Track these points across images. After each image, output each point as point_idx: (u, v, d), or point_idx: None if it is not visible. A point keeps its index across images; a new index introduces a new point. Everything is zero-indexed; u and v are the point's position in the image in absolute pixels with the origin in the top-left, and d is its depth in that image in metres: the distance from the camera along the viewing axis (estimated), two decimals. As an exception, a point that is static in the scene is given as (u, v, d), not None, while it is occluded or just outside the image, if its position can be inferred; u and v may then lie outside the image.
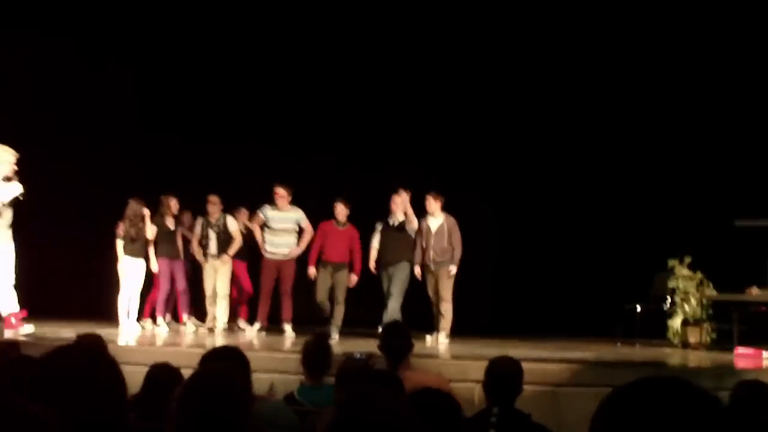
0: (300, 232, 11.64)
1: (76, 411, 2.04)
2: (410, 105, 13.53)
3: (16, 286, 9.73)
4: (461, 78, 13.49)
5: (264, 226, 11.53)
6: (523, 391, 4.83)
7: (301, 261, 11.57)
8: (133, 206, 11.27)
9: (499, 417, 4.50)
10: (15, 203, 9.56)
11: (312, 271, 11.37)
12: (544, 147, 13.27)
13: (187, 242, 12.11)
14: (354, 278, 11.34)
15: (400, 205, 11.15)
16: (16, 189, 9.47)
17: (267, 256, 11.51)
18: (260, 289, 11.62)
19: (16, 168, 9.52)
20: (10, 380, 3.46)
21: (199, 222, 11.91)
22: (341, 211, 11.36)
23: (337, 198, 11.38)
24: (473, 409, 5.18)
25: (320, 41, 13.73)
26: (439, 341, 10.65)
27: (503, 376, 4.80)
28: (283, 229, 11.49)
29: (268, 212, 11.53)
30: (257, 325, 11.54)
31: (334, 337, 10.88)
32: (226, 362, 4.28)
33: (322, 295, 11.22)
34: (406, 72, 13.52)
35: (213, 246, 11.76)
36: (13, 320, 9.54)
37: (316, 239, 11.44)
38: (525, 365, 5.02)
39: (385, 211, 11.33)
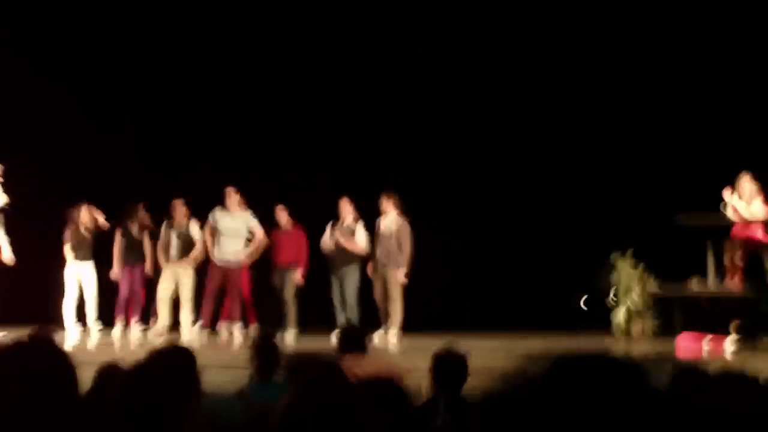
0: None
1: (30, 407, 2.07)
2: (361, 104, 13.51)
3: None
4: (413, 73, 13.49)
5: (214, 229, 11.47)
6: (466, 380, 4.94)
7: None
8: (80, 211, 11.18)
9: (446, 405, 4.59)
10: None
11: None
12: (494, 140, 13.32)
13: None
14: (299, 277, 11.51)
15: (348, 209, 11.28)
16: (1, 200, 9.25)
17: (216, 262, 11.47)
18: (206, 292, 11.50)
19: (1, 179, 9.29)
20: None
21: (164, 227, 11.71)
22: (282, 213, 11.57)
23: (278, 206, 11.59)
24: (420, 398, 5.27)
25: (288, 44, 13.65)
26: (389, 339, 10.69)
27: (448, 366, 4.92)
28: (232, 234, 11.45)
29: (217, 215, 11.47)
30: (199, 324, 11.48)
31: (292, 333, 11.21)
32: (170, 359, 4.31)
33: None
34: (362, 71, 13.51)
35: (174, 251, 11.55)
36: None
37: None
38: (473, 360, 5.15)
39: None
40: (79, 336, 10.97)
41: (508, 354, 8.39)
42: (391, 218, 11.03)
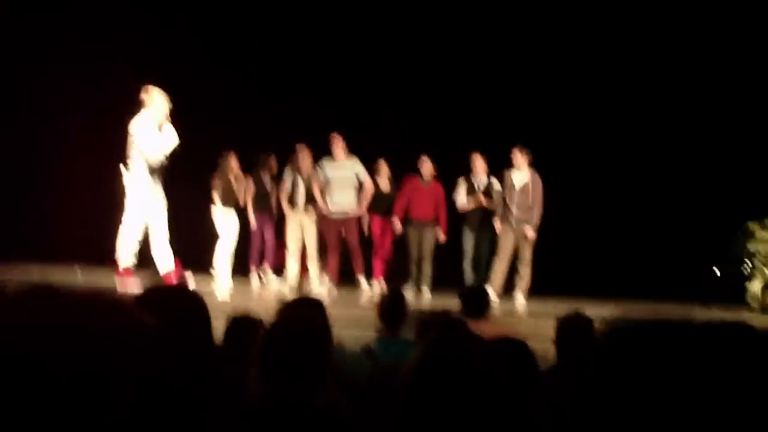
0: (360, 186, 11.45)
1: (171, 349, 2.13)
2: (493, 63, 13.36)
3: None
4: (540, 31, 13.27)
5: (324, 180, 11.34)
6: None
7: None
8: (222, 162, 11.35)
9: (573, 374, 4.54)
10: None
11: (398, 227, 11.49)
12: (622, 107, 13.05)
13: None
14: (443, 236, 11.38)
15: (481, 166, 11.13)
16: (174, 139, 9.00)
17: (330, 214, 11.33)
18: (328, 246, 11.46)
19: (168, 113, 9.03)
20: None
21: (287, 172, 11.54)
22: (425, 165, 11.35)
23: (422, 153, 11.38)
24: (546, 364, 5.23)
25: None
26: (517, 300, 10.62)
27: (574, 333, 4.84)
28: (342, 184, 11.28)
29: (325, 167, 11.31)
30: (326, 280, 11.44)
31: (426, 295, 11.10)
32: (305, 311, 4.40)
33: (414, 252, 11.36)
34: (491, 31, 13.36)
35: (300, 197, 11.38)
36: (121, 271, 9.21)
37: (402, 196, 11.45)
38: (599, 324, 5.04)
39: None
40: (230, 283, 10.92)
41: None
42: (524, 173, 10.82)
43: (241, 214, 11.68)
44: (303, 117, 13.15)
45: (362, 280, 11.45)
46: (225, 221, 11.24)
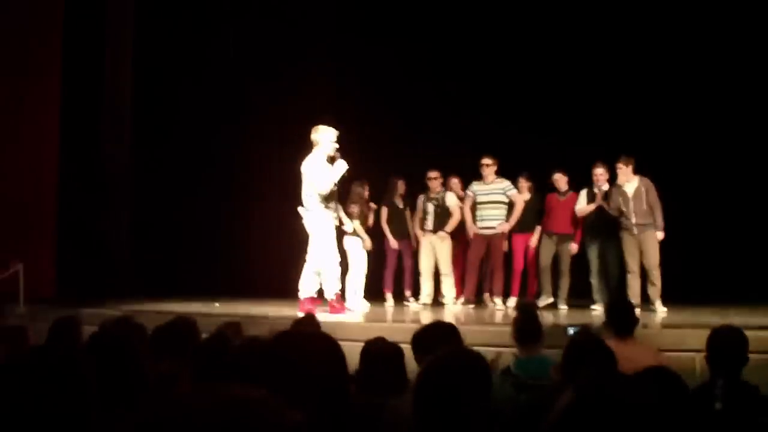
0: (509, 204, 11.54)
1: (303, 391, 2.10)
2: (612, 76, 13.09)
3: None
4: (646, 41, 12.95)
5: (473, 201, 11.54)
6: (748, 361, 4.63)
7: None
8: (356, 189, 11.46)
9: (724, 389, 4.34)
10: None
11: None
12: (730, 104, 12.56)
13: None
14: (575, 248, 11.36)
15: (602, 176, 10.99)
16: (343, 167, 9.64)
17: (478, 231, 11.47)
18: (468, 265, 11.58)
19: (337, 146, 9.71)
20: (233, 361, 3.63)
21: (420, 198, 11.91)
22: (560, 180, 11.37)
23: (556, 169, 11.45)
24: (694, 379, 5.03)
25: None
26: (658, 310, 10.35)
27: (727, 346, 4.62)
28: (491, 201, 11.43)
29: (474, 186, 11.54)
30: (462, 299, 11.58)
31: (563, 308, 11.14)
32: (439, 338, 4.34)
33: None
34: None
35: (430, 221, 11.69)
36: (335, 305, 9.85)
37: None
38: (750, 333, 4.82)
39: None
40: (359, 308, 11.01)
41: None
42: (633, 181, 10.63)
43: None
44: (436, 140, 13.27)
45: (498, 299, 11.43)
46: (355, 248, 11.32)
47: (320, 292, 10.13)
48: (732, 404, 4.26)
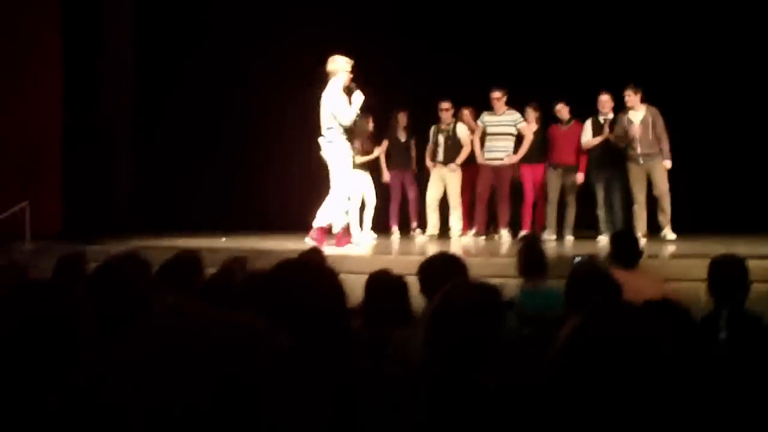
0: (518, 136, 11.49)
1: (302, 323, 2.10)
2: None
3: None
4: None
5: (483, 131, 11.50)
6: (750, 290, 4.62)
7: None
8: (359, 123, 11.41)
9: (728, 319, 4.34)
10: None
11: None
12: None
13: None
14: (581, 177, 11.22)
15: (608, 103, 10.91)
16: (360, 98, 9.59)
17: (484, 162, 11.44)
18: (476, 196, 11.60)
19: (351, 75, 9.66)
20: (238, 295, 3.63)
21: (431, 130, 11.85)
22: (562, 110, 11.27)
23: (557, 99, 11.33)
24: (699, 309, 5.03)
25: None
26: (667, 237, 10.36)
27: (728, 276, 4.61)
28: (500, 133, 11.38)
29: (485, 117, 11.48)
30: (472, 231, 11.63)
31: (569, 239, 11.16)
32: (445, 269, 4.34)
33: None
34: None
35: (441, 153, 11.65)
36: (314, 234, 9.77)
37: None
38: (755, 262, 4.81)
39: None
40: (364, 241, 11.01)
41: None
42: (641, 110, 10.59)
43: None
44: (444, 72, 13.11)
45: (504, 231, 11.41)
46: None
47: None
48: (736, 334, 4.27)
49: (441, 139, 11.67)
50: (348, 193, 9.86)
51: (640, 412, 1.56)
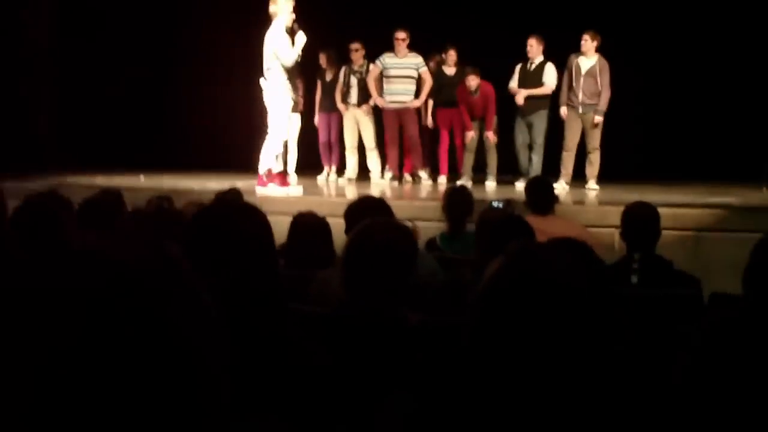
0: (419, 80, 11.33)
1: (230, 264, 2.13)
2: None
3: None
4: None
5: (382, 75, 11.30)
6: (661, 236, 4.78)
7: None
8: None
9: (640, 263, 4.50)
10: None
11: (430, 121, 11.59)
12: None
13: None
14: (491, 136, 11.18)
15: (536, 49, 10.91)
16: (302, 38, 9.43)
17: (387, 105, 11.29)
18: (385, 140, 11.49)
19: (294, 16, 9.47)
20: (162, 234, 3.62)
21: (343, 71, 11.67)
22: (472, 80, 10.95)
23: (467, 68, 11.04)
24: (613, 254, 5.20)
25: None
26: (589, 188, 10.52)
27: (639, 222, 4.76)
28: (402, 76, 11.23)
29: (385, 59, 11.26)
30: (388, 174, 11.61)
31: (491, 184, 11.10)
32: (370, 212, 4.39)
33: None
34: None
35: (354, 95, 11.51)
36: (264, 178, 9.67)
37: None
38: (667, 210, 5.00)
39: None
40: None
41: (700, 210, 8.10)
42: (592, 59, 10.57)
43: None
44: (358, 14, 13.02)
45: (423, 173, 11.45)
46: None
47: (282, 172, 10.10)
48: (647, 278, 4.44)
49: (353, 80, 11.51)
50: (285, 135, 9.83)
51: (560, 348, 1.65)
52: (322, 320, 2.88)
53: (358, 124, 11.58)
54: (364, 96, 11.46)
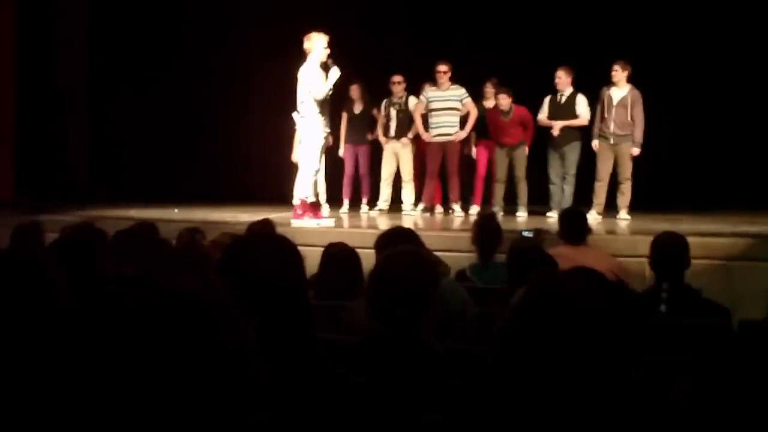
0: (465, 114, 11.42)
1: (261, 293, 2.18)
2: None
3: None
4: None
5: (427, 107, 11.38)
6: (690, 265, 4.79)
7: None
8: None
9: (669, 292, 4.52)
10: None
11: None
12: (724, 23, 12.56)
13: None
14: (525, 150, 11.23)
15: (565, 80, 10.93)
16: (336, 73, 9.63)
17: (433, 139, 11.34)
18: (427, 171, 11.49)
19: (329, 51, 9.68)
20: (199, 265, 3.70)
21: (383, 103, 11.79)
22: (503, 99, 11.04)
23: (499, 90, 11.17)
24: (644, 283, 5.21)
25: None
26: (620, 218, 10.48)
27: (668, 251, 4.78)
28: (446, 108, 11.29)
29: (429, 93, 11.37)
30: (421, 206, 11.59)
31: (522, 215, 11.07)
32: (400, 242, 4.44)
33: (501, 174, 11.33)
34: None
35: (393, 127, 11.61)
36: (298, 210, 9.81)
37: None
38: (696, 240, 5.01)
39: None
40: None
41: (730, 240, 8.07)
42: (624, 89, 10.54)
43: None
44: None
45: (456, 206, 11.46)
46: None
47: (316, 203, 10.21)
48: (676, 306, 4.45)
49: (393, 112, 11.64)
50: (316, 167, 9.94)
51: (585, 375, 1.70)
52: (349, 349, 2.93)
53: (397, 156, 11.65)
54: (403, 128, 11.57)
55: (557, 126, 10.88)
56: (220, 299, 1.13)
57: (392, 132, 11.64)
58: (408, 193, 11.69)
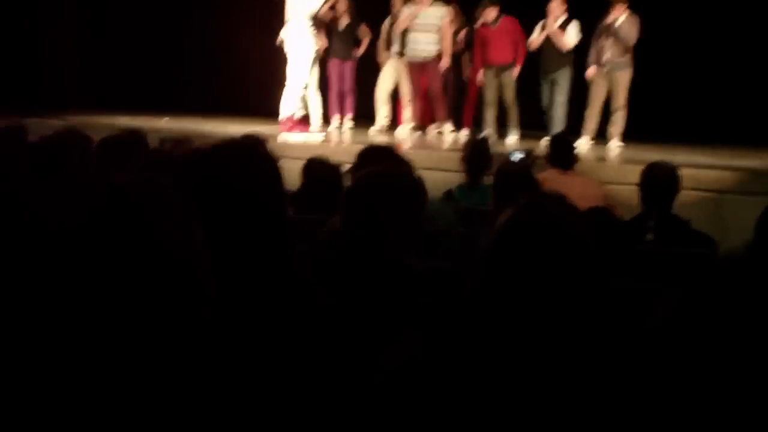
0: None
1: (238, 205, 2.13)
2: None
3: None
4: None
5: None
6: (682, 196, 4.77)
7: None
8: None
9: (656, 222, 4.49)
10: None
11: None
12: None
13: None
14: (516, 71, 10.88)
15: (560, 7, 10.68)
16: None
17: (409, 57, 11.00)
18: (411, 92, 11.16)
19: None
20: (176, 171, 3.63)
21: (387, 20, 11.38)
22: (490, 12, 10.69)
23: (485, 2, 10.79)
24: (633, 211, 5.18)
25: None
26: (611, 148, 10.39)
27: (657, 181, 4.75)
28: (424, 25, 10.81)
29: (408, 9, 10.94)
30: (411, 125, 11.30)
31: (513, 138, 10.87)
32: (383, 160, 4.38)
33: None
34: None
35: (397, 44, 11.14)
36: (287, 123, 9.80)
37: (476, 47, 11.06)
38: (689, 171, 4.97)
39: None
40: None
41: (722, 173, 8.05)
42: (621, 18, 10.26)
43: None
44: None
45: (446, 126, 11.24)
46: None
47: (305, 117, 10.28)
48: (663, 236, 4.43)
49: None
50: (306, 82, 9.84)
51: (567, 297, 1.69)
52: (326, 264, 2.89)
53: (398, 74, 11.30)
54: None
55: (539, 39, 10.71)
56: (160, 195, 1.09)
57: (397, 48, 11.17)
58: (409, 112, 11.33)
